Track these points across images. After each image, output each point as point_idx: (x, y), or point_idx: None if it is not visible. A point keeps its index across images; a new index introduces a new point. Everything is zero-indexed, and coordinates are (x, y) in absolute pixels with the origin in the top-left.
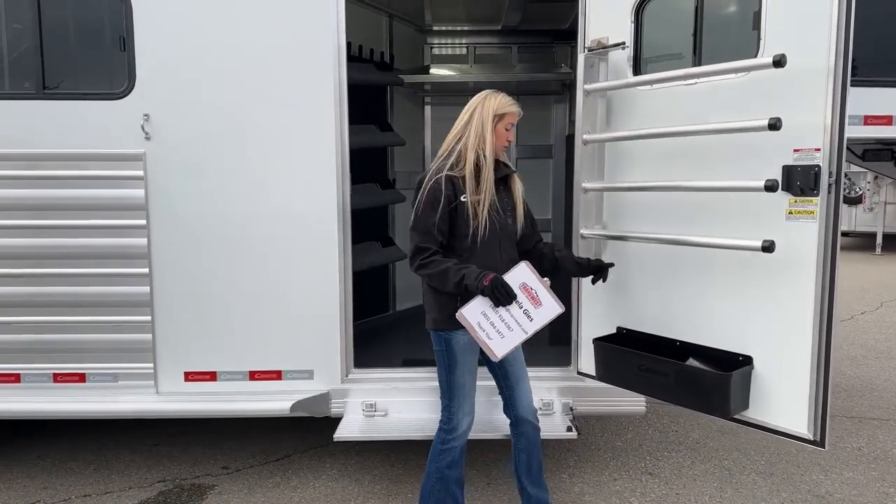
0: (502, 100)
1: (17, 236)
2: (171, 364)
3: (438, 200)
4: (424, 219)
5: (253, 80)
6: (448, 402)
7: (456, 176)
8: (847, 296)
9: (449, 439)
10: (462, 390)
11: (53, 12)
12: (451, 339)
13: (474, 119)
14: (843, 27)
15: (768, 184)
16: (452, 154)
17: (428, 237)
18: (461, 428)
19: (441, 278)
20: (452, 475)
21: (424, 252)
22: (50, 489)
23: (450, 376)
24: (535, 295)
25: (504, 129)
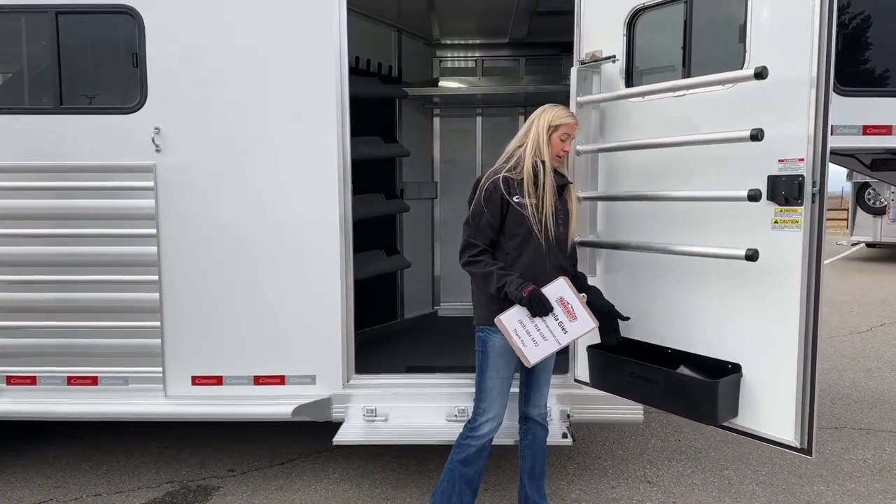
0: (558, 112)
1: (33, 244)
2: (179, 368)
3: (492, 199)
4: (477, 215)
5: (259, 94)
6: (477, 403)
7: (512, 178)
8: (867, 307)
9: (469, 436)
10: (490, 393)
11: (70, 31)
12: (487, 341)
13: (532, 129)
14: (825, 39)
15: (751, 193)
16: (512, 159)
17: (478, 233)
18: (483, 430)
19: (485, 280)
20: (465, 473)
21: (473, 248)
22: (63, 488)
23: (481, 377)
24: (571, 309)
25: (559, 140)
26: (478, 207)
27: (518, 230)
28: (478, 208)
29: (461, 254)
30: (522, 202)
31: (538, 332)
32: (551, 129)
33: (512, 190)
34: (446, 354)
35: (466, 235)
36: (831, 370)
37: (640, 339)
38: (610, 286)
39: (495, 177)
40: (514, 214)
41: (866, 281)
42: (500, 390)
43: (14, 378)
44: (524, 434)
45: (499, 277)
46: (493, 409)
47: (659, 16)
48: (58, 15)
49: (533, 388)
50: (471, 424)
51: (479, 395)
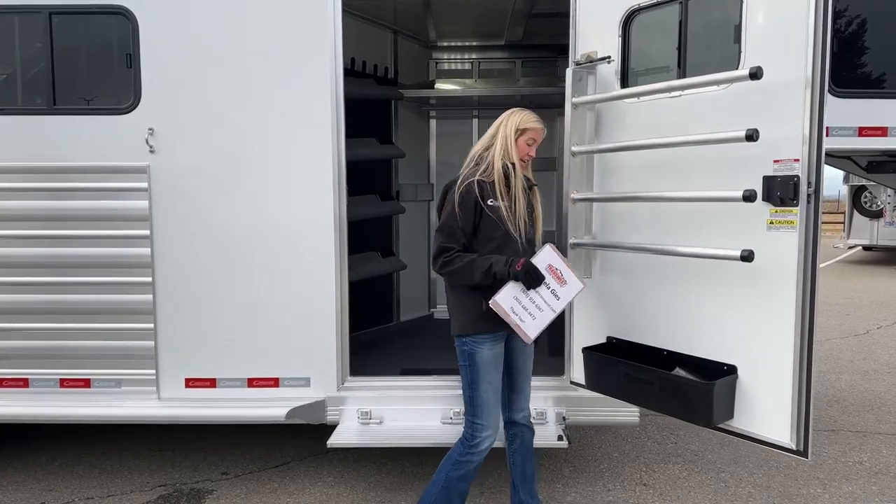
0: (526, 115)
1: (26, 246)
2: (172, 371)
3: (467, 203)
4: (451, 220)
5: (253, 94)
6: (472, 418)
7: (485, 181)
8: (864, 310)
9: (468, 453)
10: (486, 406)
11: (64, 31)
12: (475, 353)
13: (499, 132)
14: (820, 40)
15: (746, 194)
16: (482, 162)
17: (452, 238)
18: (483, 445)
19: (468, 271)
20: (460, 488)
21: (448, 251)
22: (55, 491)
23: (473, 391)
24: (560, 275)
25: (525, 144)
26: (451, 213)
27: (494, 234)
28: (451, 214)
29: (435, 260)
30: (496, 205)
31: (533, 304)
32: (518, 133)
33: (485, 193)
34: (442, 357)
35: (439, 242)
36: (828, 373)
37: (635, 341)
38: (605, 287)
39: (469, 181)
40: (488, 218)
41: (863, 284)
42: (494, 401)
43: (6, 380)
44: (512, 439)
45: (482, 262)
46: (491, 421)
47: (654, 17)
48: (51, 15)
49: (516, 392)
50: (469, 442)
51: (475, 410)
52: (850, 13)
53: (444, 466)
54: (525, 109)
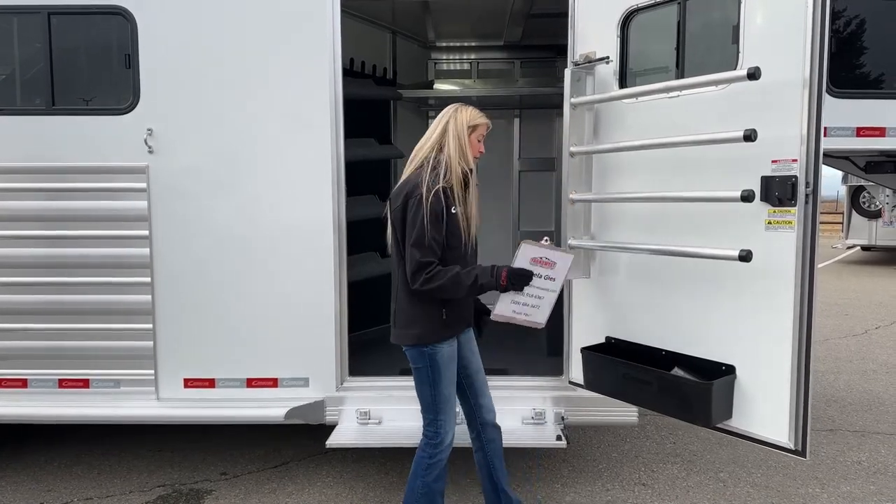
0: (472, 111)
1: (25, 246)
2: (171, 371)
3: (438, 214)
4: (428, 234)
5: (252, 95)
6: (434, 416)
7: (447, 187)
8: (862, 310)
9: (436, 453)
10: (448, 403)
11: (63, 32)
12: (435, 354)
13: (449, 131)
14: (818, 40)
15: (744, 194)
16: (439, 165)
17: (430, 252)
18: (447, 440)
19: (454, 285)
20: (438, 488)
21: (428, 266)
22: (54, 492)
23: (435, 390)
24: (546, 260)
25: (477, 141)
26: (423, 225)
27: (455, 242)
28: (423, 226)
29: (415, 276)
30: (458, 212)
31: (532, 297)
32: (470, 130)
33: (449, 201)
34: None
35: (418, 257)
36: (827, 373)
37: (634, 341)
38: (604, 288)
39: (436, 189)
40: (452, 225)
41: (862, 284)
42: (453, 398)
43: (5, 381)
44: (488, 445)
45: (467, 275)
46: (451, 416)
47: (653, 17)
48: (50, 16)
49: (482, 394)
50: (435, 440)
51: (437, 408)
52: (848, 13)
53: (416, 474)
54: (466, 105)
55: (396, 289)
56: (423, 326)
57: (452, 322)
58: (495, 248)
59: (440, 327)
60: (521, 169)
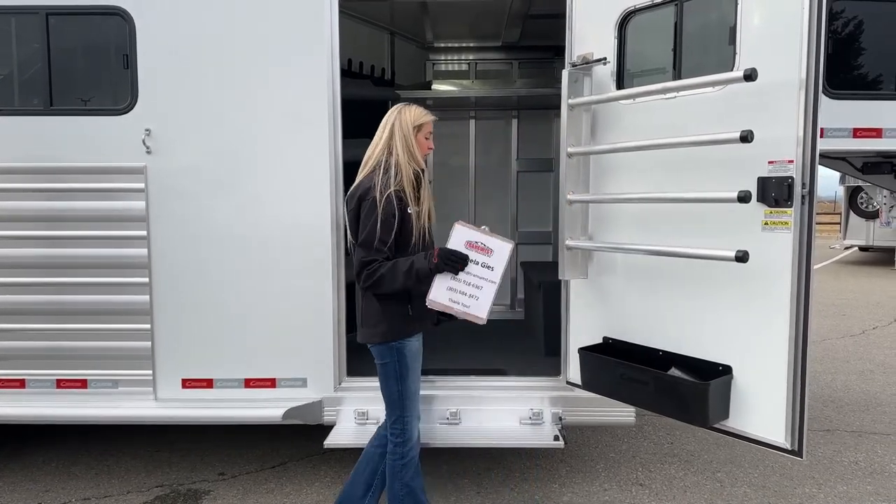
0: (417, 110)
1: (23, 246)
2: (169, 371)
3: (391, 217)
4: (376, 235)
5: (250, 96)
6: (400, 413)
7: (400, 190)
8: (860, 311)
9: (407, 451)
10: (413, 398)
11: (61, 32)
12: (403, 348)
13: (396, 133)
14: (815, 42)
15: (741, 195)
16: (390, 168)
17: (375, 252)
18: (415, 436)
19: (391, 276)
20: (418, 485)
21: (371, 264)
22: (52, 492)
23: (402, 385)
24: (482, 245)
25: (424, 139)
26: (373, 228)
27: (408, 244)
28: (373, 229)
29: (358, 276)
30: (411, 212)
31: (470, 286)
32: (416, 129)
33: (403, 203)
34: (438, 357)
35: (360, 257)
36: (824, 373)
37: (631, 341)
38: (601, 288)
39: (388, 192)
40: (404, 226)
41: (859, 284)
42: (419, 393)
43: (2, 381)
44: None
45: (403, 263)
46: (417, 411)
47: (650, 18)
48: (48, 16)
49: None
50: (402, 439)
51: (403, 404)
52: (846, 14)
53: (393, 477)
54: (410, 104)
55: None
56: (389, 323)
57: (418, 317)
58: None
59: (406, 323)
60: (519, 169)
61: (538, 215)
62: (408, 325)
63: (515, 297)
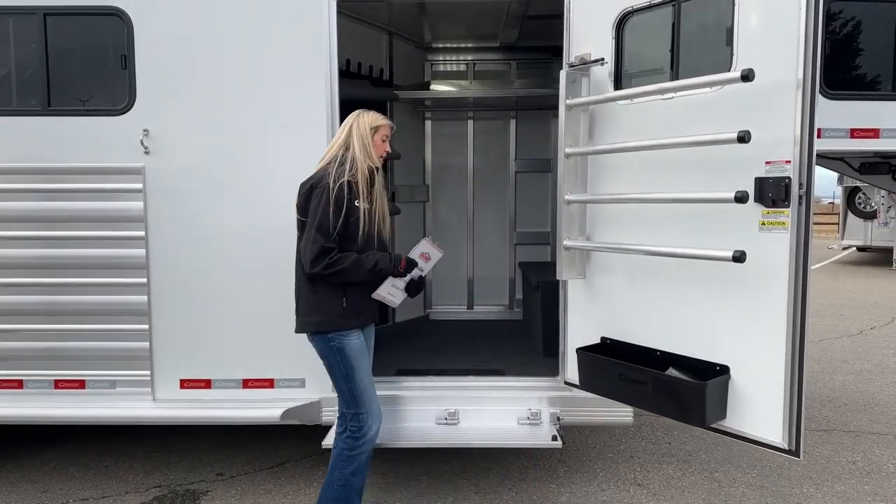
0: (374, 115)
1: (21, 247)
2: (167, 371)
3: (341, 204)
4: (329, 221)
5: (248, 96)
6: (354, 410)
7: (353, 181)
8: (857, 311)
9: (358, 445)
10: (366, 394)
11: (58, 32)
12: (344, 346)
13: (354, 134)
14: (811, 42)
15: (738, 195)
16: (346, 162)
17: (329, 238)
18: (371, 432)
19: (355, 269)
20: (357, 483)
21: (330, 252)
22: (49, 493)
23: (351, 384)
24: (427, 255)
25: (381, 141)
26: (326, 213)
27: (356, 235)
28: (326, 213)
29: (317, 260)
30: (361, 206)
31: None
32: (373, 131)
33: (353, 194)
34: (437, 358)
35: (322, 242)
36: (821, 373)
37: (629, 342)
38: (599, 288)
39: (341, 181)
40: (354, 219)
41: (857, 284)
42: (372, 387)
43: (0, 382)
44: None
45: (368, 259)
46: (374, 408)
47: (647, 19)
48: (46, 16)
49: None
50: (357, 434)
51: (357, 401)
52: (843, 15)
53: (335, 465)
54: (367, 110)
55: (299, 278)
56: (322, 314)
57: (353, 311)
58: (492, 249)
59: (340, 315)
60: (518, 170)
61: (536, 215)
62: (342, 317)
63: (514, 297)
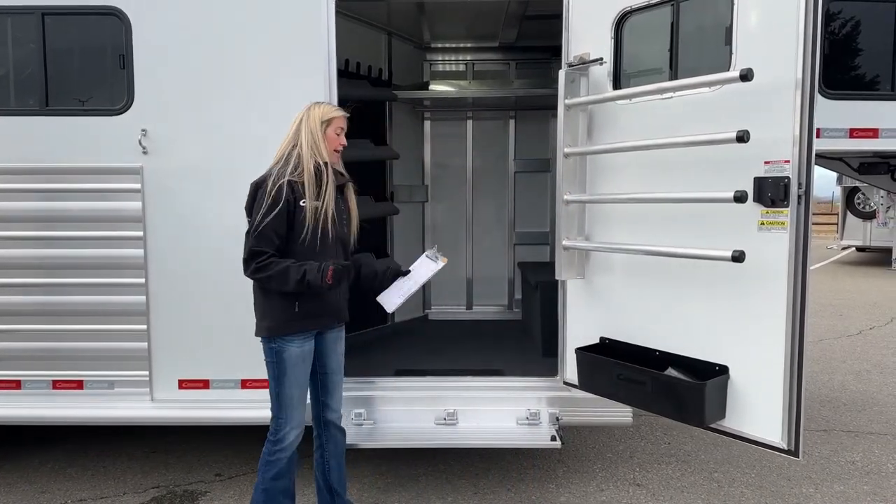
0: (326, 107)
1: (19, 247)
2: (165, 372)
3: (279, 205)
4: (263, 223)
5: (247, 96)
6: (276, 414)
7: (296, 181)
8: (857, 311)
9: (276, 451)
10: (290, 402)
11: (56, 32)
12: (282, 351)
13: (303, 128)
14: (811, 42)
15: (737, 195)
16: (290, 160)
17: (265, 241)
18: (288, 440)
19: (282, 278)
20: (278, 486)
21: (260, 255)
22: (48, 493)
23: (279, 387)
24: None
25: (335, 134)
26: (261, 215)
27: (306, 236)
28: (261, 216)
29: (246, 264)
30: (308, 206)
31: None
32: (325, 124)
33: (297, 194)
34: (436, 358)
35: (251, 245)
36: (821, 373)
37: (628, 342)
38: (598, 288)
39: (280, 182)
40: (299, 219)
41: (856, 285)
42: (299, 398)
43: None
44: (326, 442)
45: (296, 269)
46: (295, 417)
47: (646, 19)
48: (44, 16)
49: (328, 393)
50: (273, 437)
51: (279, 406)
52: (842, 15)
53: (259, 468)
54: (321, 102)
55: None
56: (273, 318)
57: (306, 316)
58: (491, 249)
59: (291, 319)
60: (517, 170)
61: (535, 215)
62: (293, 322)
63: (513, 297)
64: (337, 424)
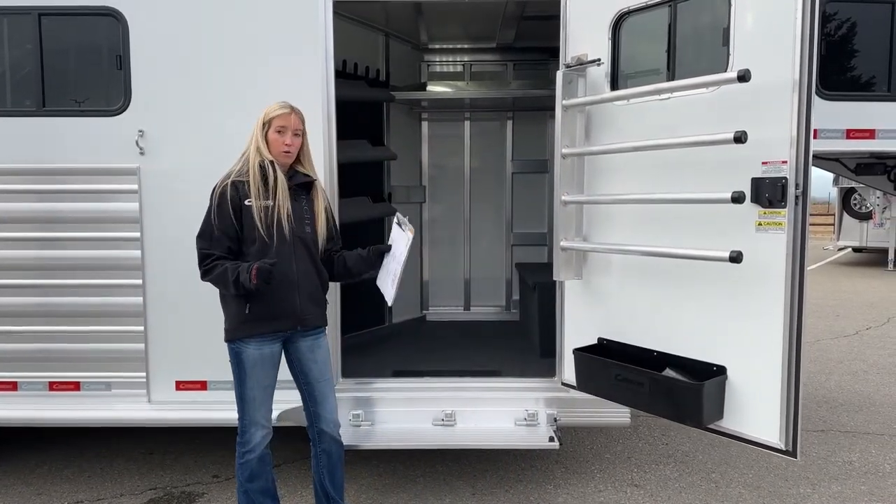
0: (270, 107)
1: (15, 248)
2: (162, 373)
3: (222, 206)
4: (209, 225)
5: (244, 96)
6: (241, 416)
7: (241, 181)
8: (853, 311)
9: (244, 452)
10: (252, 404)
11: (53, 32)
12: (241, 353)
13: (255, 127)
14: (808, 42)
15: (735, 195)
16: (241, 161)
17: (213, 244)
18: (254, 440)
19: (222, 279)
20: (255, 487)
21: (207, 259)
22: (44, 495)
23: (241, 389)
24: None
25: (276, 134)
26: (209, 218)
27: (254, 235)
28: (209, 219)
29: (199, 267)
30: (254, 205)
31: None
32: (266, 127)
33: (241, 193)
34: (434, 359)
35: (199, 247)
36: (818, 373)
37: (626, 342)
38: (596, 289)
39: (224, 183)
40: (248, 220)
41: (853, 285)
42: (261, 399)
43: None
44: (319, 456)
45: (232, 271)
46: (259, 417)
47: (644, 20)
48: (41, 16)
49: (319, 403)
50: (241, 439)
51: (242, 408)
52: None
53: (235, 474)
54: (277, 102)
55: None
56: (228, 321)
57: (257, 319)
58: (489, 250)
59: (243, 322)
60: (514, 171)
61: (533, 216)
62: (245, 325)
63: (510, 298)
64: (332, 435)
